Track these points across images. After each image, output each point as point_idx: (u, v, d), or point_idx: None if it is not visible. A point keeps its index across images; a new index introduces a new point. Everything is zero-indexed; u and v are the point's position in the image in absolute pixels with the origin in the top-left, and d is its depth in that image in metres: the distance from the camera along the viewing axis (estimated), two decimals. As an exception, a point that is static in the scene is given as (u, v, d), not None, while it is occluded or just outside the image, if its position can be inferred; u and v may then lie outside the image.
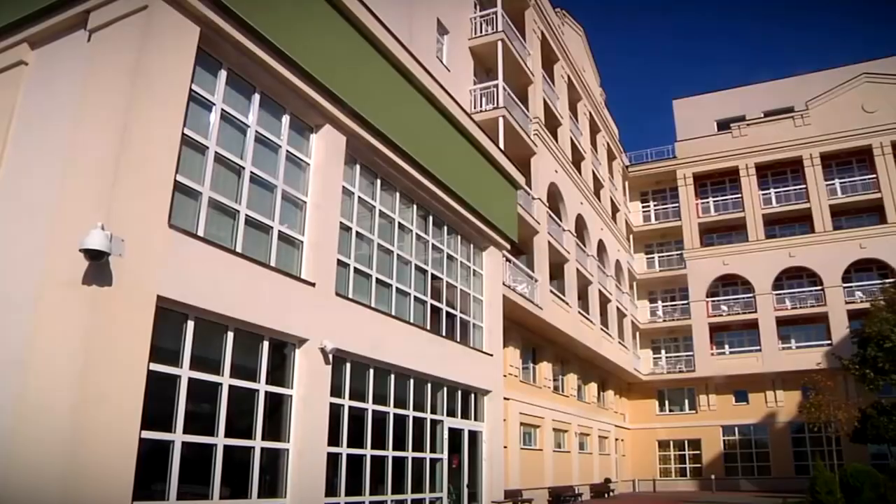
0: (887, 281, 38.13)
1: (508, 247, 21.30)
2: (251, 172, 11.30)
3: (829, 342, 41.19)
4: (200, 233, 10.00)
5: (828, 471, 22.12)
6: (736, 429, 43.55)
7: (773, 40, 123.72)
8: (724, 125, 49.66)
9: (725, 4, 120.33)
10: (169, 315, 9.30)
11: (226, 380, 10.25)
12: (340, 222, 13.30)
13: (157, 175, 9.22)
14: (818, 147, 44.64)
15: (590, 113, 41.23)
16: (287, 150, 12.27)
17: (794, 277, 44.26)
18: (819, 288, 42.73)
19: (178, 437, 9.27)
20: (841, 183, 44.91)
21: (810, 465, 32.77)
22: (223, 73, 10.92)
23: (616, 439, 41.80)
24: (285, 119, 12.36)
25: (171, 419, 9.26)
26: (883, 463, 30.67)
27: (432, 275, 17.00)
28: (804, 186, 45.04)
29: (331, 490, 12.25)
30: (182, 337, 9.59)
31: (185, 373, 9.50)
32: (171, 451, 9.17)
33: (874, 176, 43.60)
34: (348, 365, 13.25)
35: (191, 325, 9.69)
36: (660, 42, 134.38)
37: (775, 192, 46.72)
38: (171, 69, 9.65)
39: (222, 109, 10.83)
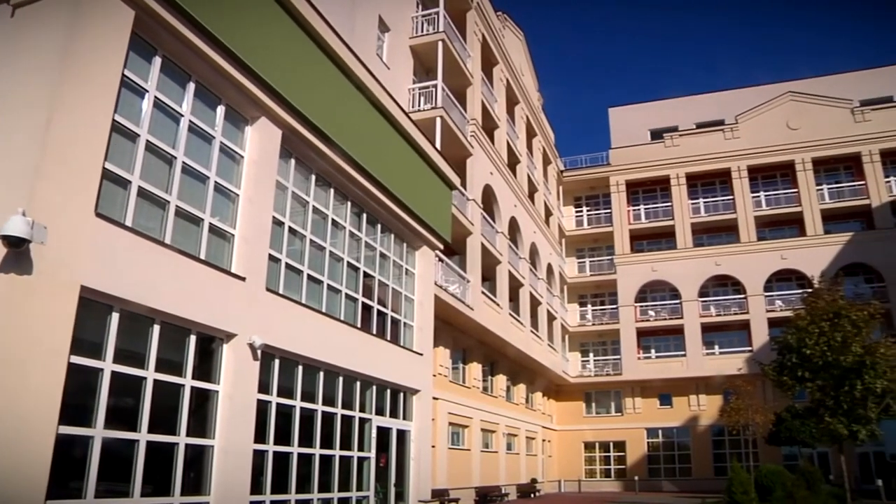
0: (804, 291, 39.53)
1: (441, 247, 21.37)
2: (183, 163, 11.04)
3: (750, 349, 42.67)
4: (128, 223, 9.72)
5: (744, 472, 22.98)
6: (660, 431, 44.72)
7: (709, 55, 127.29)
8: (657, 135, 50.95)
9: (669, 16, 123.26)
10: (93, 306, 9.03)
11: (150, 374, 10.00)
12: (273, 217, 13.11)
13: (85, 161, 8.93)
14: (746, 160, 46.19)
15: (527, 117, 41.69)
16: (221, 142, 12.04)
17: (720, 285, 45.71)
18: (742, 296, 44.21)
19: (98, 432, 9.00)
20: (766, 195, 46.53)
21: (728, 466, 33.84)
22: (157, 60, 10.65)
23: (543, 440, 42.36)
24: (220, 110, 12.12)
25: (91, 413, 8.98)
26: (794, 464, 31.93)
27: (364, 272, 16.92)
28: (732, 197, 46.54)
29: (256, 488, 12.06)
30: (106, 329, 9.31)
31: (108, 366, 9.23)
32: (91, 446, 8.90)
33: (796, 190, 45.34)
34: (277, 361, 13.09)
35: (115, 316, 9.42)
36: (598, 49, 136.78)
37: (704, 202, 48.15)
38: (103, 52, 9.35)
39: (155, 97, 10.55)
